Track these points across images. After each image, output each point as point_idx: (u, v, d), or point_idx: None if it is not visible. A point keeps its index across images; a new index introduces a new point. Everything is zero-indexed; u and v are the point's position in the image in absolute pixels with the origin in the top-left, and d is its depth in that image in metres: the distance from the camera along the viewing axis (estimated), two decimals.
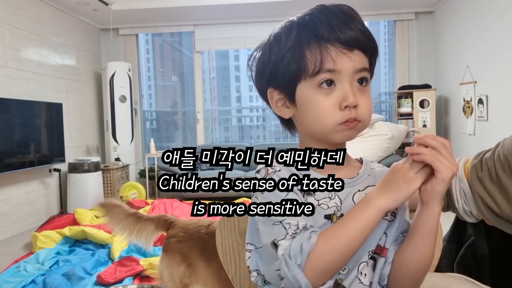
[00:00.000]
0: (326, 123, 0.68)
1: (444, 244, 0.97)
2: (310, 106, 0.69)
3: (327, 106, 0.67)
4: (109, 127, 5.22)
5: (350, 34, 0.65)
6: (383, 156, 4.61)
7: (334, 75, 0.66)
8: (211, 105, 6.15)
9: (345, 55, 0.66)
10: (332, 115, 0.67)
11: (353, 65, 0.67)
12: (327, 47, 0.66)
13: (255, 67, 0.76)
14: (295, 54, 0.67)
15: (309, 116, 0.70)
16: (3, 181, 3.71)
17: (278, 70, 0.70)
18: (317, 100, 0.68)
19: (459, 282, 0.73)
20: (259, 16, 5.41)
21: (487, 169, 0.83)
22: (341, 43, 0.65)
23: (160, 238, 3.00)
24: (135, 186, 4.80)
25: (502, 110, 3.69)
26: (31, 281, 2.43)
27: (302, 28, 0.68)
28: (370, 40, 0.68)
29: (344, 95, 0.66)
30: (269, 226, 0.65)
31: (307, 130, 0.73)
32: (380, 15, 5.42)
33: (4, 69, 3.79)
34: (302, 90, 0.69)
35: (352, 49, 0.66)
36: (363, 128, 0.71)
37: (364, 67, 0.68)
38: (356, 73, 0.67)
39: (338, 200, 0.70)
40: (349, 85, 0.67)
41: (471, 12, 4.25)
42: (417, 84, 5.26)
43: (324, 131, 0.69)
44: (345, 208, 0.69)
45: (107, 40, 5.62)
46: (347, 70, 0.66)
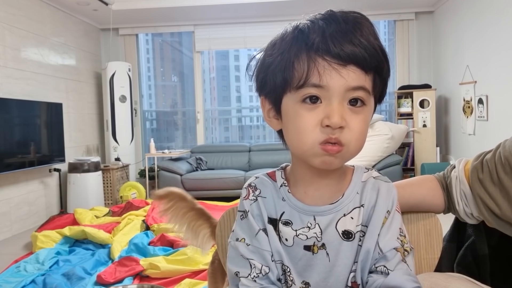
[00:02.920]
0: (304, 141, 0.60)
1: (444, 244, 0.97)
2: (292, 120, 0.62)
3: (308, 122, 0.59)
4: (109, 127, 5.22)
5: (345, 47, 0.57)
6: (383, 156, 4.61)
7: (321, 91, 0.59)
8: (211, 105, 6.15)
9: (335, 70, 0.58)
10: (311, 133, 0.59)
11: (344, 82, 0.58)
12: (316, 59, 0.58)
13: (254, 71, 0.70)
14: (283, 62, 0.61)
15: (290, 131, 0.63)
16: (3, 181, 3.71)
17: (268, 77, 0.64)
18: (300, 115, 0.60)
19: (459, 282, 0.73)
20: (259, 16, 5.41)
21: (488, 171, 0.83)
22: (332, 56, 0.57)
23: (160, 238, 3.01)
24: (135, 186, 4.80)
25: (502, 110, 3.69)
26: (31, 281, 2.43)
27: (296, 34, 0.61)
28: (373, 56, 0.59)
29: (328, 113, 0.58)
30: (237, 256, 0.69)
31: (290, 147, 0.67)
32: (380, 15, 5.42)
33: (4, 69, 3.79)
34: (287, 102, 0.63)
35: (346, 64, 0.58)
36: (348, 155, 0.61)
37: (359, 85, 0.59)
38: (348, 91, 0.59)
39: (318, 229, 0.66)
40: (338, 104, 0.59)
41: (471, 12, 4.25)
42: (417, 84, 5.26)
43: (302, 151, 0.62)
44: (327, 237, 0.65)
45: (107, 40, 5.62)
46: (336, 88, 0.58)
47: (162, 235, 3.01)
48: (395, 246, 0.65)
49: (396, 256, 0.64)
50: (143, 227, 3.34)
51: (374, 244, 0.64)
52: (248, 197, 0.72)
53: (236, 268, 0.68)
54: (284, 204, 0.69)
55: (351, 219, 0.66)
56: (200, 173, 4.91)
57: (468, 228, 0.97)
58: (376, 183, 0.69)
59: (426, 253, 0.87)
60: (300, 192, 0.69)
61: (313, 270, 0.67)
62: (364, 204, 0.67)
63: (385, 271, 0.63)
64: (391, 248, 0.64)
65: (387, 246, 0.64)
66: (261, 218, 0.69)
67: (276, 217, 0.69)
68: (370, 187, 0.68)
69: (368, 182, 0.69)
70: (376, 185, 0.69)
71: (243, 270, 0.67)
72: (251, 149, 5.47)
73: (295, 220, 0.67)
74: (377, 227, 0.65)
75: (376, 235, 0.65)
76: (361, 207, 0.67)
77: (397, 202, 0.69)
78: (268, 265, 0.67)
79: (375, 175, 0.71)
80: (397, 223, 0.67)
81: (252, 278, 0.66)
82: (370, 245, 0.64)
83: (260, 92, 0.68)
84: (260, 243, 0.68)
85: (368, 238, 0.65)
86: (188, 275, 2.49)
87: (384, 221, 0.66)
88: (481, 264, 0.93)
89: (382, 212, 0.66)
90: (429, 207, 0.88)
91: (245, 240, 0.69)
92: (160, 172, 4.91)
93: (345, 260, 0.66)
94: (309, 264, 0.67)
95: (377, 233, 0.65)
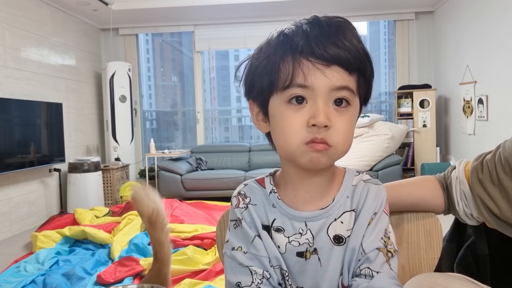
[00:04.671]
0: (290, 142, 0.61)
1: (444, 244, 0.97)
2: (278, 121, 0.63)
3: (294, 123, 0.61)
4: (109, 127, 5.23)
5: (329, 48, 0.59)
6: (383, 156, 4.62)
7: (306, 91, 0.60)
8: (211, 105, 6.15)
9: (319, 70, 0.59)
10: (297, 133, 0.60)
11: (328, 82, 0.59)
12: (300, 61, 0.60)
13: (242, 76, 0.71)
14: (269, 64, 0.62)
15: (277, 132, 0.64)
16: (3, 181, 3.71)
17: (255, 81, 0.65)
18: (286, 116, 0.62)
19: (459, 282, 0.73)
20: (259, 16, 5.41)
21: (488, 171, 0.83)
22: (316, 57, 0.59)
23: None
24: None
25: (502, 110, 3.69)
26: (31, 281, 2.43)
27: (282, 38, 0.63)
28: (357, 57, 0.61)
29: (313, 113, 0.59)
30: (236, 265, 0.67)
31: (277, 149, 0.67)
32: (380, 15, 5.41)
33: (4, 69, 3.79)
34: (274, 104, 0.64)
35: (329, 64, 0.59)
36: (336, 155, 0.62)
37: (343, 85, 0.60)
38: (333, 91, 0.60)
39: (310, 235, 0.66)
40: (323, 104, 0.60)
41: (471, 12, 4.26)
42: (417, 84, 5.26)
43: (289, 151, 0.63)
44: (319, 242, 0.66)
45: (107, 40, 5.62)
46: (321, 88, 0.59)
47: None
48: (378, 246, 0.65)
49: (379, 257, 0.64)
50: (143, 227, 3.34)
51: (359, 244, 0.65)
52: (238, 205, 0.72)
53: (236, 278, 0.67)
54: (275, 210, 0.69)
55: (341, 223, 0.66)
56: (200, 173, 4.91)
57: (468, 228, 0.97)
58: (365, 186, 0.69)
59: (426, 253, 0.87)
60: (290, 196, 0.69)
61: (306, 275, 0.67)
62: (355, 208, 0.67)
63: (369, 273, 0.63)
64: (374, 249, 0.64)
65: (370, 246, 0.65)
66: (254, 225, 0.69)
67: (268, 224, 0.69)
68: (360, 191, 0.68)
69: (358, 186, 0.69)
70: (366, 188, 0.69)
71: (244, 279, 0.66)
72: (251, 149, 5.47)
73: (287, 227, 0.67)
74: (362, 228, 0.66)
75: (361, 236, 0.65)
76: (352, 211, 0.67)
77: (386, 204, 0.69)
78: (268, 270, 0.67)
79: (365, 178, 0.71)
80: (383, 224, 0.67)
81: (257, 285, 0.65)
82: (355, 245, 0.65)
83: (248, 96, 0.69)
84: (257, 249, 0.67)
85: (353, 239, 0.65)
86: (188, 275, 2.49)
87: (370, 221, 0.66)
88: (481, 264, 0.93)
89: (369, 213, 0.67)
90: (429, 207, 0.88)
91: (242, 248, 0.68)
92: (160, 172, 4.91)
93: (336, 264, 0.66)
94: (302, 270, 0.67)
95: (362, 234, 0.65)
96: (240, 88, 0.70)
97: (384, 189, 0.70)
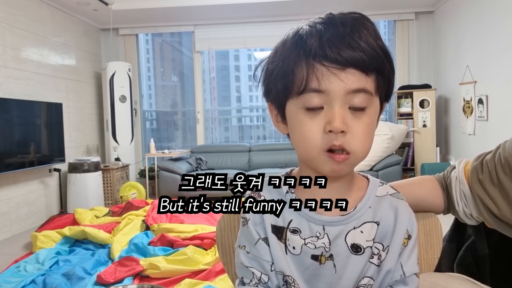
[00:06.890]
0: (310, 148, 0.61)
1: (444, 244, 0.97)
2: (296, 127, 0.62)
3: (311, 130, 0.60)
4: (109, 127, 5.22)
5: (343, 51, 0.57)
6: (383, 156, 4.61)
7: (321, 96, 0.58)
8: (211, 105, 6.15)
9: (334, 74, 0.57)
10: (315, 140, 0.60)
11: (343, 86, 0.57)
12: (314, 65, 0.58)
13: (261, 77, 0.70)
14: (283, 69, 0.61)
15: (295, 138, 0.64)
16: (3, 181, 3.71)
17: (271, 85, 0.65)
18: (303, 122, 0.61)
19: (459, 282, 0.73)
20: (259, 16, 5.41)
21: (487, 171, 0.83)
22: (330, 61, 0.57)
23: (160, 238, 3.01)
24: (135, 186, 4.80)
25: (502, 110, 3.69)
26: (31, 281, 2.43)
27: (296, 40, 0.61)
28: (373, 57, 0.58)
29: (329, 118, 0.58)
30: (239, 262, 0.70)
31: (297, 153, 0.66)
32: (380, 15, 5.41)
33: (4, 69, 3.79)
34: (290, 109, 0.63)
35: (344, 68, 0.57)
36: (356, 161, 0.61)
37: (360, 88, 0.58)
38: (349, 94, 0.58)
39: (327, 240, 0.65)
40: (339, 108, 0.58)
41: (471, 12, 4.26)
42: (417, 84, 5.26)
43: (309, 157, 0.62)
44: (335, 249, 0.65)
45: (107, 40, 5.62)
46: (336, 91, 0.58)
47: (162, 235, 3.01)
48: (416, 271, 0.66)
49: (415, 282, 0.66)
50: (143, 227, 3.34)
51: (395, 264, 0.65)
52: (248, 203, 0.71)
53: (240, 274, 0.70)
54: (290, 211, 0.67)
55: (361, 233, 0.65)
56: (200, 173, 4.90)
57: (468, 228, 0.97)
58: (393, 201, 0.68)
59: (426, 253, 0.87)
60: (308, 198, 0.67)
61: (319, 280, 0.66)
62: (379, 221, 0.66)
63: None
64: (413, 274, 0.66)
65: (410, 271, 0.66)
66: (262, 226, 0.68)
67: (283, 225, 0.67)
68: (388, 205, 0.67)
69: (385, 200, 0.68)
70: (394, 204, 0.68)
71: (246, 276, 0.68)
72: (251, 149, 5.47)
73: (304, 229, 0.66)
74: (398, 248, 0.66)
75: (396, 255, 0.65)
76: (374, 223, 0.66)
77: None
78: (267, 274, 0.67)
79: (391, 192, 0.69)
80: (417, 247, 0.68)
81: (254, 284, 0.67)
82: (391, 266, 0.65)
83: (266, 98, 0.68)
84: (259, 252, 0.67)
85: (390, 259, 0.65)
86: (188, 275, 2.49)
87: (404, 242, 0.66)
88: (481, 264, 0.93)
89: (402, 232, 0.66)
90: (428, 207, 0.88)
91: (245, 248, 0.69)
92: (160, 172, 4.91)
93: (352, 273, 0.65)
94: (315, 274, 0.66)
95: (397, 254, 0.65)
96: (258, 88, 0.69)
97: (409, 207, 0.70)
